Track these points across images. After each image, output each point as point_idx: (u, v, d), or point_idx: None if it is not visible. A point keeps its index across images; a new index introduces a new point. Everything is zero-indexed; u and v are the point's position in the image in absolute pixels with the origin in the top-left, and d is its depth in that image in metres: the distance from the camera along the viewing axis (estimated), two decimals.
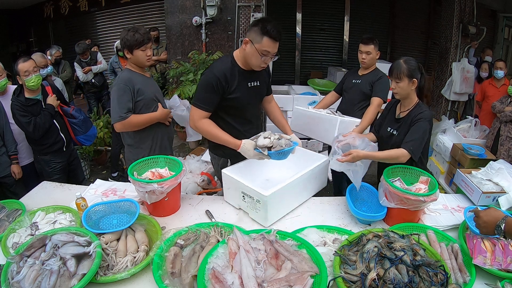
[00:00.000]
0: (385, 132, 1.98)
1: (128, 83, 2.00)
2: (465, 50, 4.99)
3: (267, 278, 1.22)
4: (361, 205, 1.84)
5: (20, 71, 2.32)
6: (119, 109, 1.97)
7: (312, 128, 2.48)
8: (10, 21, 7.51)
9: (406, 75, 1.77)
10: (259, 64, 1.77)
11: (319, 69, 6.14)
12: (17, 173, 2.52)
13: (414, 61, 1.81)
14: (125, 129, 2.06)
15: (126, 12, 6.67)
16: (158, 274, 1.26)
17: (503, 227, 1.11)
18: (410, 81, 1.78)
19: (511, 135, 3.43)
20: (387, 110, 2.06)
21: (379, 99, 2.58)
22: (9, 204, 1.79)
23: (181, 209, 1.86)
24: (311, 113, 2.54)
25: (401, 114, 1.92)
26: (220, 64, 1.84)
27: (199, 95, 1.85)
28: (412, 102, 1.87)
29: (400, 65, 1.79)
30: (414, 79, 1.78)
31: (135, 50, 2.02)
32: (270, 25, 1.66)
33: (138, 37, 1.99)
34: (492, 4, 5.57)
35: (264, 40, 1.68)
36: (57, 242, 1.34)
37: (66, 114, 2.71)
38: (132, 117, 2.01)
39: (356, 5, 6.01)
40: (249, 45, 1.73)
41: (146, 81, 2.13)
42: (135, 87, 2.02)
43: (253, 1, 4.69)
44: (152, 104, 2.14)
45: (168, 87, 4.94)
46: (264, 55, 1.72)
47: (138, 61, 2.07)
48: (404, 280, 1.14)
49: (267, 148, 1.73)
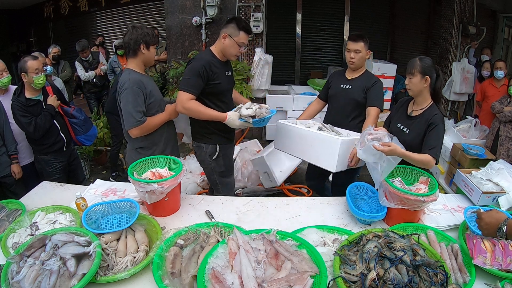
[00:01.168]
0: (395, 128, 1.98)
1: (140, 86, 1.92)
2: (465, 50, 4.99)
3: (267, 278, 1.22)
4: (361, 205, 1.84)
5: (30, 69, 2.32)
6: (135, 113, 1.89)
7: (303, 148, 2.10)
8: (10, 21, 7.51)
9: (419, 71, 1.81)
10: (236, 53, 2.11)
11: (319, 69, 6.14)
12: (17, 173, 2.52)
13: (429, 61, 1.85)
14: (143, 133, 2.00)
15: (126, 12, 6.67)
16: (158, 274, 1.26)
17: (505, 229, 1.11)
18: (423, 78, 1.82)
19: (510, 135, 3.43)
20: (400, 104, 2.07)
21: (377, 108, 2.23)
22: (9, 204, 1.80)
23: (181, 209, 1.86)
24: (301, 131, 2.11)
25: (413, 112, 1.93)
26: (204, 55, 2.12)
27: (187, 81, 2.02)
28: (425, 101, 1.89)
29: (415, 61, 1.84)
30: (427, 76, 1.82)
31: (151, 46, 2.00)
32: (244, 22, 2.07)
33: (149, 38, 1.97)
34: (492, 4, 5.57)
35: (241, 33, 2.05)
36: (57, 242, 1.34)
37: (66, 114, 2.71)
38: (148, 121, 1.96)
39: (356, 5, 6.01)
40: (227, 39, 2.05)
41: (152, 82, 2.11)
42: (147, 89, 1.96)
43: (253, 1, 4.69)
44: (163, 104, 2.11)
45: (168, 87, 4.94)
46: (240, 46, 2.08)
47: (149, 58, 2.03)
48: (404, 280, 1.14)
49: (250, 117, 2.01)
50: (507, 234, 1.11)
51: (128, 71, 1.97)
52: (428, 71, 1.81)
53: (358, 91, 2.30)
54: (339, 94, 2.40)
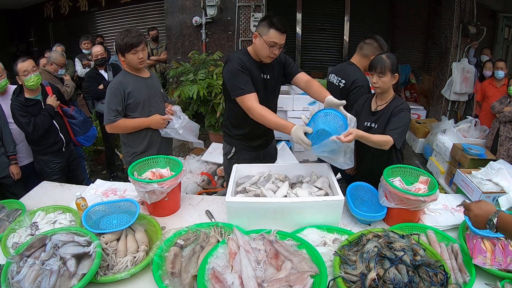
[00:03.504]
0: (362, 127, 1.95)
1: (119, 86, 2.05)
2: (465, 50, 4.99)
3: (267, 278, 1.22)
4: (361, 205, 1.84)
5: (19, 71, 2.33)
6: (108, 112, 2.06)
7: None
8: (10, 21, 7.50)
9: (389, 70, 1.82)
10: (268, 54, 1.85)
11: (319, 69, 6.14)
12: (16, 173, 2.52)
13: (395, 56, 1.87)
14: (114, 131, 2.18)
15: (126, 12, 6.67)
16: (158, 274, 1.26)
17: (495, 221, 1.09)
18: (393, 76, 1.85)
19: (510, 135, 3.43)
20: (360, 106, 2.05)
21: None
22: (9, 204, 1.79)
23: (181, 209, 1.86)
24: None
25: (378, 107, 1.95)
26: (236, 54, 1.94)
27: (235, 84, 1.85)
28: (389, 95, 1.93)
29: (384, 60, 1.83)
30: (396, 74, 1.85)
31: (126, 53, 2.03)
32: (276, 19, 1.79)
33: (128, 40, 1.99)
34: (492, 4, 5.57)
35: (271, 32, 1.79)
36: (57, 242, 1.34)
37: (66, 114, 2.71)
38: (120, 121, 2.07)
39: (356, 5, 6.01)
40: (258, 38, 1.84)
41: (140, 83, 2.13)
42: (126, 90, 2.06)
43: (253, 1, 4.70)
44: (147, 105, 2.14)
45: (169, 87, 4.94)
46: (272, 45, 1.81)
47: (130, 64, 2.09)
48: (404, 280, 1.14)
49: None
50: (497, 227, 1.10)
51: (121, 72, 2.15)
52: (396, 68, 1.84)
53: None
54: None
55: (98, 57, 3.67)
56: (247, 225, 1.54)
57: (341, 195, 1.59)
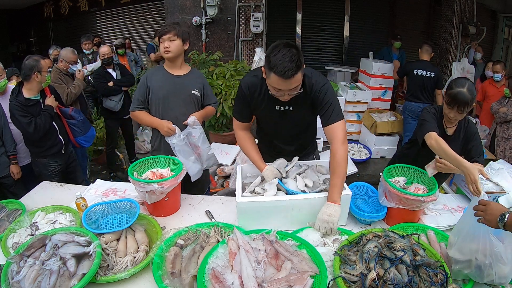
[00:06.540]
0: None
1: (146, 79, 2.14)
2: (465, 50, 4.99)
3: (267, 278, 1.22)
4: (361, 205, 1.84)
5: (44, 68, 2.40)
6: (133, 100, 2.18)
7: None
8: (10, 21, 7.50)
9: (469, 106, 1.78)
10: (277, 97, 1.50)
11: (319, 69, 6.11)
12: (16, 173, 2.51)
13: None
14: (134, 119, 2.30)
15: (126, 12, 6.67)
16: (158, 274, 1.26)
17: (506, 218, 1.11)
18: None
19: (505, 135, 3.43)
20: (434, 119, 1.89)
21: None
22: (9, 204, 1.79)
23: (181, 209, 1.86)
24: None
25: (448, 129, 1.95)
26: (249, 76, 1.67)
27: (234, 105, 1.82)
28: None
29: (467, 98, 1.74)
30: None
31: (160, 43, 2.10)
32: (277, 59, 1.37)
33: (159, 29, 2.12)
34: (492, 4, 5.57)
35: (272, 76, 1.41)
36: (57, 242, 1.34)
37: (65, 115, 2.69)
38: (138, 113, 2.16)
39: (356, 5, 6.01)
40: (265, 75, 1.48)
41: (168, 79, 2.13)
42: (150, 84, 2.13)
43: (253, 1, 4.70)
44: (165, 104, 2.12)
45: None
46: (276, 91, 1.46)
47: (161, 53, 2.18)
48: (404, 280, 1.14)
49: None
50: (505, 224, 1.11)
51: (158, 66, 2.35)
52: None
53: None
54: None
55: (105, 57, 3.73)
56: (258, 225, 1.53)
57: (348, 190, 1.59)
